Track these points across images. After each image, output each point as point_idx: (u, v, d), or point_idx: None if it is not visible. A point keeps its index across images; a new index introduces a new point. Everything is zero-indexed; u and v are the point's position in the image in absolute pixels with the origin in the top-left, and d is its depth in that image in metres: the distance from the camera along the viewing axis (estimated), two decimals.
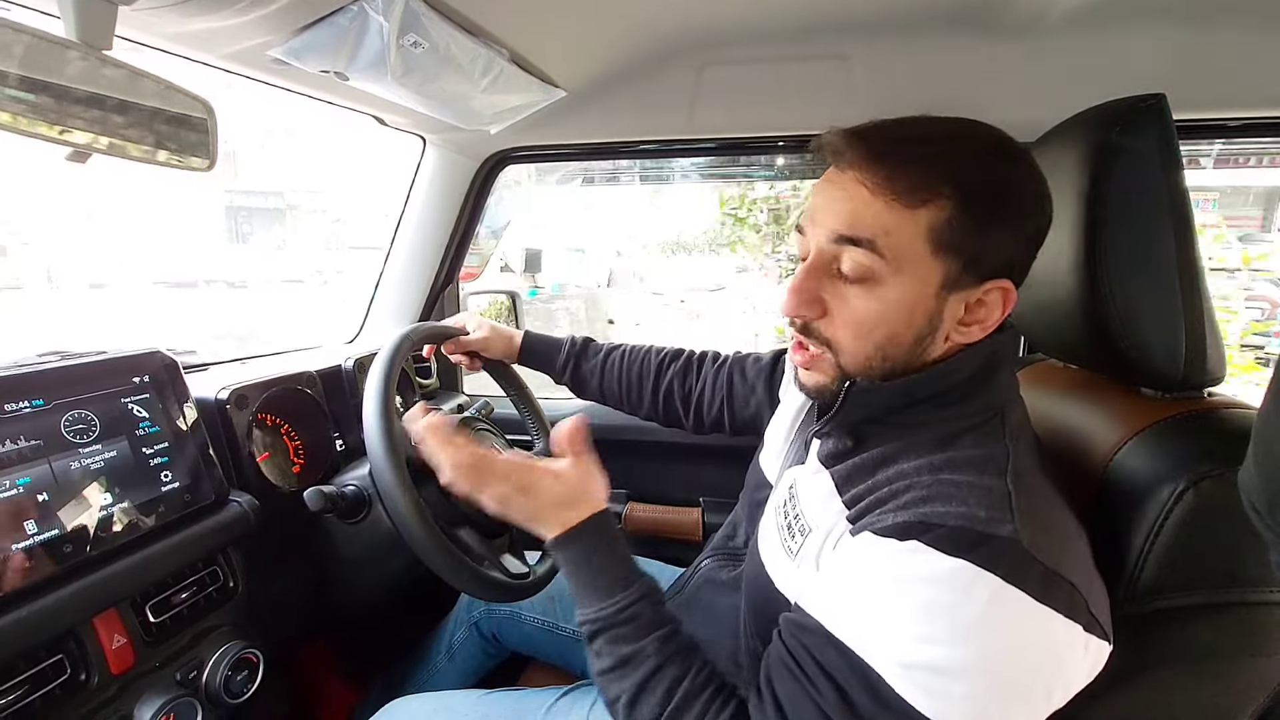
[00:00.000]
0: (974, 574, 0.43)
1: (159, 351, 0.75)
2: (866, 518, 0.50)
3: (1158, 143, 0.57)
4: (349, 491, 0.85)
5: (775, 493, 0.69)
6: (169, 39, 0.71)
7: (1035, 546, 0.44)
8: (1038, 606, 0.43)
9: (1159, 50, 0.94)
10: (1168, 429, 0.55)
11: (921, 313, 0.52)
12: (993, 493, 0.47)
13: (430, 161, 1.28)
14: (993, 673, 0.43)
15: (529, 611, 1.04)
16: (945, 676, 0.43)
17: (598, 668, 0.57)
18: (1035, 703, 0.45)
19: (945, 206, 0.49)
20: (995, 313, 0.53)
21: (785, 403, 0.81)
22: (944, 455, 0.51)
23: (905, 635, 0.44)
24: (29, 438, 0.60)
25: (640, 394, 1.01)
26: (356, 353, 1.09)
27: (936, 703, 0.42)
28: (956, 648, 0.43)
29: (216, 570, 0.75)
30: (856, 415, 0.57)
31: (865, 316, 0.52)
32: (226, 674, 0.71)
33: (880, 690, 0.44)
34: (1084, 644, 0.45)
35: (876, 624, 0.45)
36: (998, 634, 0.43)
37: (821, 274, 0.54)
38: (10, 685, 0.55)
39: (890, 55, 1.03)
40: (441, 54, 0.79)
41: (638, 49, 1.05)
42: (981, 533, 0.44)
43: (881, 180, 0.50)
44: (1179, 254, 0.56)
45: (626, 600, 0.57)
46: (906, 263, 0.50)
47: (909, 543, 0.45)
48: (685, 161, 2.10)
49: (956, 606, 0.43)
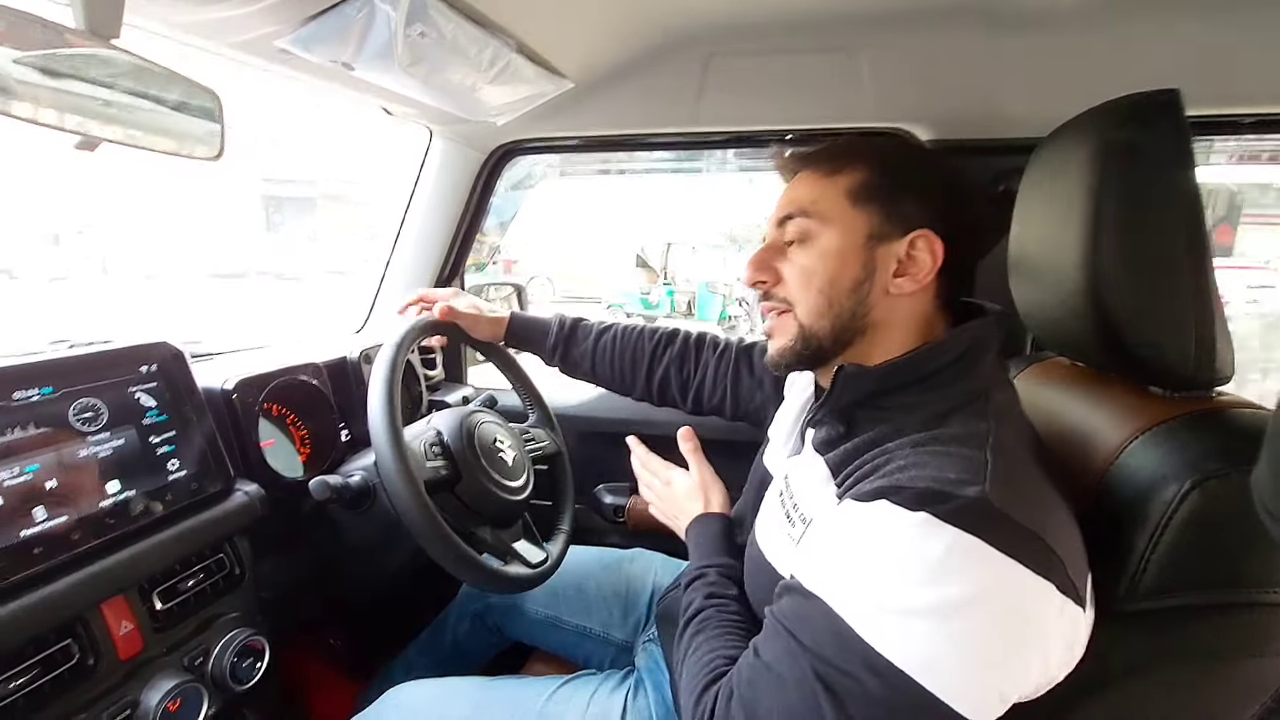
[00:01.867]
0: (936, 525, 0.45)
1: (166, 341, 0.75)
2: (850, 490, 0.53)
3: (1171, 139, 0.56)
4: (354, 482, 0.86)
5: (774, 482, 0.72)
6: (176, 28, 0.71)
7: (1005, 505, 0.46)
8: (1000, 556, 0.44)
9: (1172, 44, 0.93)
10: (1175, 428, 0.55)
11: (854, 260, 0.60)
12: (969, 460, 0.49)
13: (437, 153, 1.27)
14: (951, 616, 0.44)
15: (531, 604, 1.04)
16: (905, 619, 0.44)
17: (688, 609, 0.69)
18: (1005, 656, 0.45)
19: (860, 170, 0.61)
20: (925, 265, 0.59)
21: (790, 399, 0.81)
22: (929, 433, 0.53)
23: (868, 583, 0.46)
24: (38, 425, 0.61)
25: (634, 377, 1.01)
26: (362, 344, 1.09)
27: (897, 646, 0.44)
28: (915, 590, 0.44)
29: (223, 558, 0.75)
30: (846, 399, 0.60)
31: (807, 267, 0.62)
32: (232, 660, 0.71)
33: (846, 636, 0.46)
34: (1058, 606, 0.46)
35: (844, 575, 0.48)
36: (957, 580, 0.44)
37: (773, 250, 0.65)
38: (19, 670, 0.56)
39: (898, 49, 1.01)
40: (449, 44, 0.79)
41: (645, 41, 1.04)
42: (948, 492, 0.46)
43: (810, 163, 0.65)
44: (1189, 251, 0.56)
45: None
46: (832, 218, 0.61)
47: (878, 502, 0.48)
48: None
49: (916, 554, 0.45)
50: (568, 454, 1.10)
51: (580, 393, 1.44)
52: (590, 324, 1.04)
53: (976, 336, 0.59)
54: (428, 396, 1.28)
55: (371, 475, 0.87)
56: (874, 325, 0.61)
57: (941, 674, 0.43)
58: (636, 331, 1.02)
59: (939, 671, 0.43)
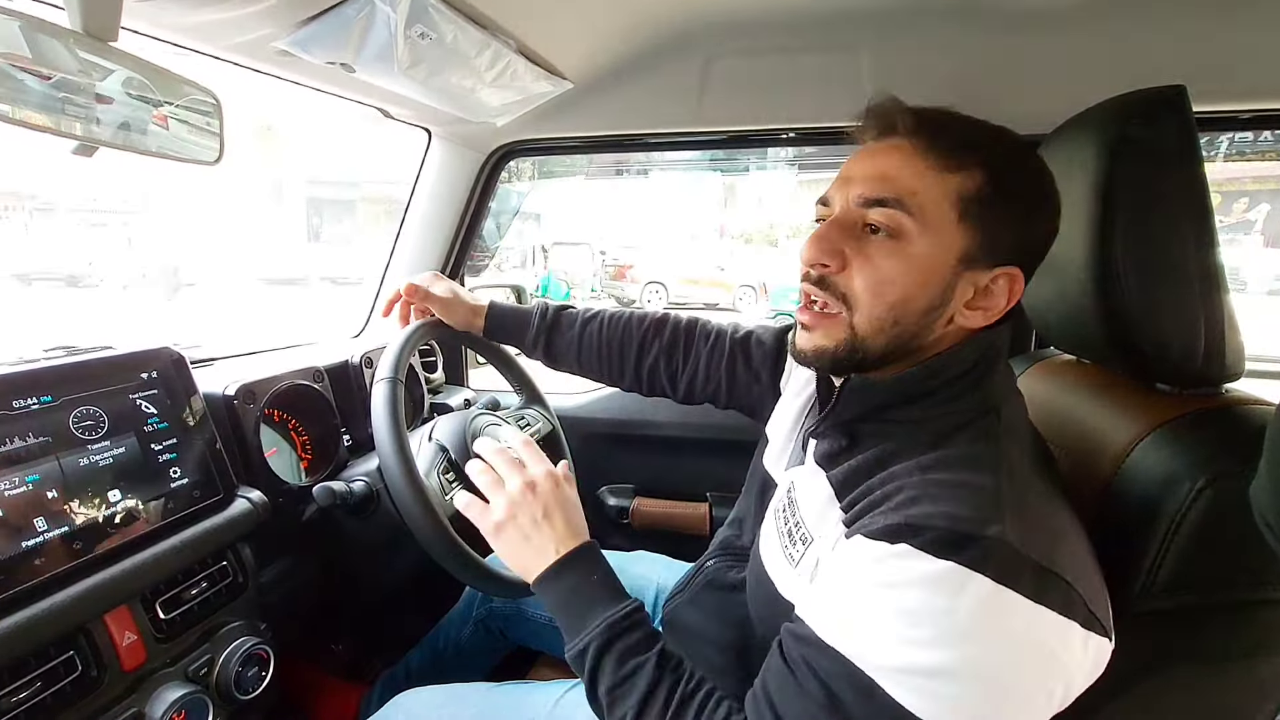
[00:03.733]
0: (964, 576, 0.42)
1: (167, 347, 0.74)
2: (859, 521, 0.50)
3: (1177, 135, 0.56)
4: (357, 487, 0.85)
5: (776, 495, 0.68)
6: (174, 30, 0.70)
7: (1026, 544, 0.44)
8: (1031, 605, 0.43)
9: (1172, 41, 0.93)
10: (1185, 425, 0.55)
11: (937, 280, 0.52)
12: (982, 491, 0.46)
13: (436, 154, 1.27)
14: (985, 674, 0.43)
15: (535, 608, 1.04)
16: (938, 679, 0.42)
17: (604, 687, 0.57)
18: (1034, 703, 0.44)
19: (976, 176, 0.51)
20: (1001, 301, 0.53)
21: (787, 398, 0.79)
22: (935, 455, 0.50)
23: (897, 639, 0.43)
24: (37, 434, 0.60)
25: (622, 367, 0.95)
26: (363, 347, 1.09)
27: (928, 704, 0.42)
28: (949, 650, 0.42)
29: (226, 566, 0.75)
30: (850, 413, 0.58)
31: (886, 273, 0.52)
32: (237, 670, 0.71)
33: (874, 694, 0.43)
34: (1082, 641, 0.45)
35: (869, 629, 0.45)
36: (990, 635, 0.43)
37: (846, 229, 0.54)
38: (22, 683, 0.55)
39: (900, 46, 1.01)
40: (449, 46, 0.78)
41: (645, 41, 1.04)
42: (969, 534, 0.44)
43: (924, 141, 0.53)
44: (1198, 247, 0.56)
45: (632, 606, 0.59)
46: (932, 224, 0.51)
47: (898, 545, 0.45)
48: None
49: (948, 609, 0.43)
50: (564, 436, 1.10)
51: (582, 395, 1.43)
52: (575, 312, 0.97)
53: (990, 345, 0.55)
54: (429, 400, 1.27)
55: (375, 481, 0.86)
56: (922, 348, 0.55)
57: None
58: (624, 318, 0.96)
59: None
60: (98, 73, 0.54)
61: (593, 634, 0.58)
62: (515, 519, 0.64)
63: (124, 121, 0.57)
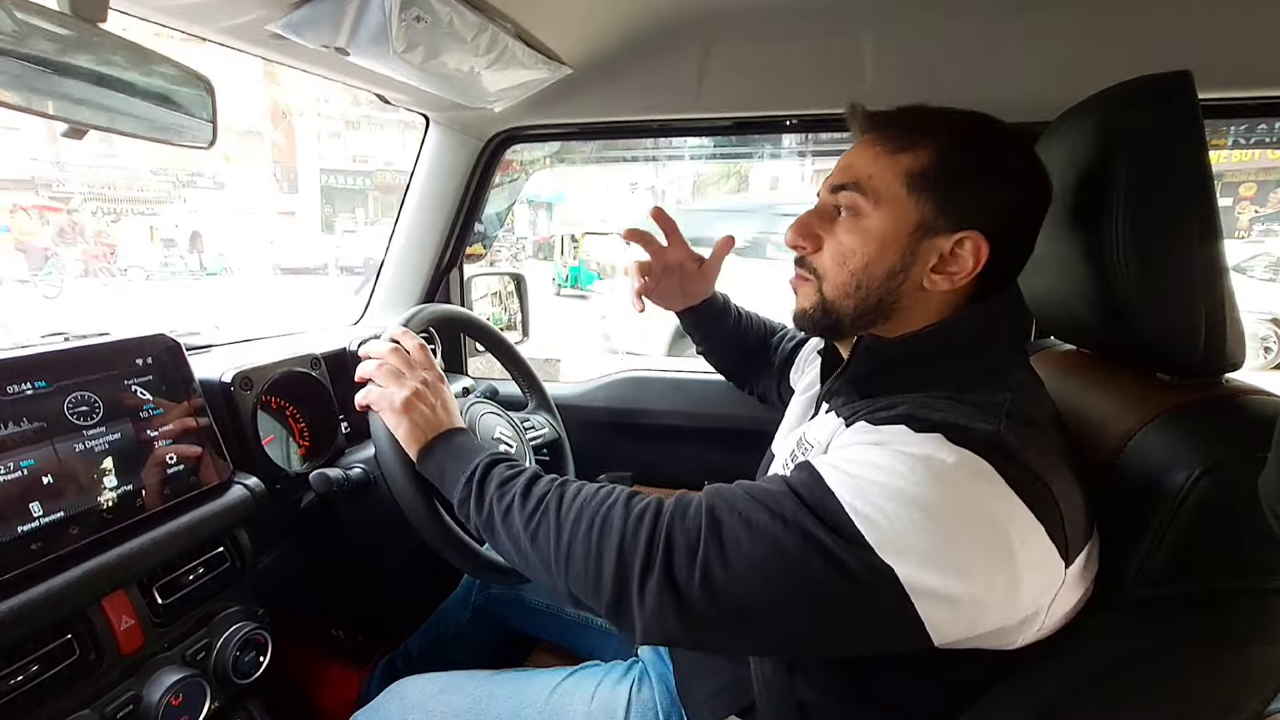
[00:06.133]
0: (947, 445, 0.47)
1: (162, 334, 0.74)
2: (861, 414, 0.55)
3: (1181, 122, 0.55)
4: (354, 474, 0.85)
5: (779, 454, 0.74)
6: (164, 12, 0.69)
7: (1017, 447, 0.47)
8: (1002, 484, 0.45)
9: (1177, 27, 0.91)
10: (1185, 414, 0.54)
11: (895, 248, 0.58)
12: (986, 409, 0.50)
13: (434, 140, 1.26)
14: (936, 519, 0.45)
15: (533, 595, 1.04)
16: (893, 501, 0.45)
17: (491, 489, 0.63)
18: (975, 578, 0.45)
19: (924, 154, 0.57)
20: (968, 264, 0.57)
21: (795, 396, 0.83)
22: (948, 396, 0.54)
23: (868, 471, 0.48)
24: (32, 420, 0.60)
25: (745, 363, 1.08)
26: (360, 334, 1.08)
27: (870, 527, 0.45)
28: (909, 483, 0.46)
29: (223, 552, 0.75)
30: (864, 370, 0.61)
31: (847, 245, 0.60)
32: (235, 654, 0.71)
33: (825, 491, 0.48)
34: (1044, 552, 0.46)
35: (846, 465, 0.50)
36: (956, 489, 0.46)
37: (820, 217, 0.63)
38: (19, 666, 0.55)
39: (900, 32, 1.00)
40: (444, 29, 0.77)
41: (645, 25, 1.02)
42: (964, 425, 0.48)
43: (878, 132, 0.61)
44: (1201, 236, 0.55)
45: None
46: (885, 200, 0.58)
47: (896, 426, 0.50)
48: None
49: (924, 461, 0.46)
50: (568, 440, 1.09)
51: (579, 384, 1.43)
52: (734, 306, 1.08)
53: (993, 310, 0.59)
54: None
55: (371, 468, 0.86)
56: (898, 311, 0.60)
57: (909, 561, 0.44)
58: (762, 320, 1.10)
59: (906, 556, 0.45)
60: (86, 54, 0.54)
61: (478, 463, 0.66)
62: (416, 406, 0.71)
63: (113, 104, 0.57)
